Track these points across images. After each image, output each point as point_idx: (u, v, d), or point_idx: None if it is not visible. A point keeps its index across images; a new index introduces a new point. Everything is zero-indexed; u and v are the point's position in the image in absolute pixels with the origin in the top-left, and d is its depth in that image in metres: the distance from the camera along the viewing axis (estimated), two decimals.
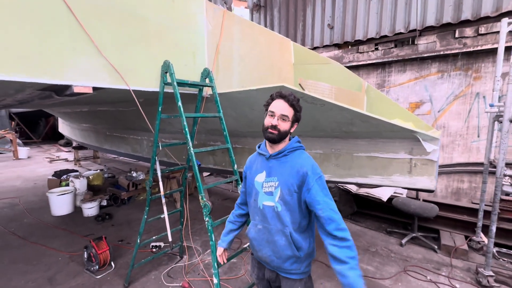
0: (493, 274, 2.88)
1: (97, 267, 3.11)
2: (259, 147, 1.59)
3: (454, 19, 4.45)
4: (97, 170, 7.11)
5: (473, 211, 3.92)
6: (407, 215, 3.96)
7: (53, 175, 6.33)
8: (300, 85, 3.68)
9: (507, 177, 2.97)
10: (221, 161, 4.20)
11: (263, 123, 1.46)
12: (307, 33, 6.29)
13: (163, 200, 2.89)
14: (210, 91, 2.61)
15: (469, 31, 4.33)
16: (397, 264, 3.34)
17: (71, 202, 5.02)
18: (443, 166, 4.76)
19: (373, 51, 5.33)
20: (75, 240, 3.93)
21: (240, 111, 2.88)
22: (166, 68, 2.23)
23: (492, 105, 3.02)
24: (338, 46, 5.92)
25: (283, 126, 1.42)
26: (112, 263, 3.25)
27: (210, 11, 2.63)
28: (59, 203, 4.86)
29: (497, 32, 3.98)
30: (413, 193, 4.47)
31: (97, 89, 1.99)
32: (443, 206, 4.13)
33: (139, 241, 2.83)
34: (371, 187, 4.43)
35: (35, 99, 2.96)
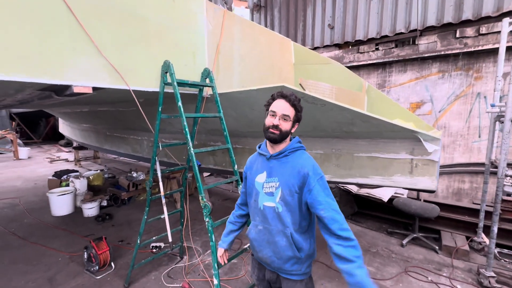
0: (495, 275, 2.87)
1: (97, 267, 3.10)
2: (259, 147, 1.58)
3: (455, 19, 4.44)
4: (97, 170, 7.10)
5: (474, 212, 3.91)
6: (408, 215, 3.95)
7: (53, 175, 6.34)
8: (300, 85, 3.68)
9: (509, 177, 2.96)
10: (221, 161, 4.19)
11: (264, 123, 1.45)
12: (308, 33, 6.29)
13: (163, 200, 2.89)
14: (210, 91, 2.61)
15: (470, 31, 4.32)
16: (398, 264, 3.33)
17: (71, 202, 5.02)
18: (444, 166, 4.75)
19: (373, 51, 5.32)
20: (75, 240, 3.93)
21: (240, 111, 2.87)
22: (166, 68, 2.23)
23: (493, 105, 3.02)
24: (338, 46, 5.91)
25: (285, 126, 1.41)
26: (112, 263, 3.25)
27: (210, 11, 2.63)
28: (59, 204, 4.87)
29: (498, 32, 3.98)
30: (414, 193, 4.45)
31: (97, 89, 1.99)
32: (444, 206, 4.12)
33: (139, 241, 2.83)
34: (372, 187, 4.41)
35: (35, 99, 2.96)
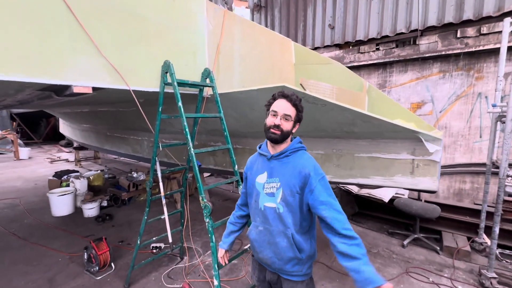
0: (496, 275, 2.86)
1: (97, 268, 3.10)
2: (260, 148, 1.57)
3: (456, 19, 4.43)
4: (97, 170, 7.10)
5: (475, 212, 3.89)
6: (409, 216, 3.94)
7: (53, 176, 6.34)
8: (301, 85, 3.67)
9: (510, 177, 2.95)
10: (221, 161, 4.19)
11: (265, 123, 1.44)
12: (308, 33, 6.28)
13: (163, 201, 2.88)
14: (210, 91, 2.60)
15: (471, 31, 4.31)
16: (399, 265, 3.32)
17: (72, 202, 5.01)
18: (445, 166, 4.74)
19: (374, 51, 5.31)
20: (75, 241, 3.93)
21: (241, 111, 2.87)
22: (166, 68, 2.22)
23: (494, 105, 3.01)
24: (339, 46, 5.91)
25: (286, 126, 1.40)
26: (112, 264, 3.24)
27: (210, 11, 2.62)
28: (60, 204, 4.86)
29: (499, 32, 3.97)
30: (415, 194, 4.44)
31: (97, 89, 1.99)
32: (445, 207, 4.10)
33: (139, 242, 2.82)
34: (373, 188, 4.40)
35: (35, 99, 2.95)
